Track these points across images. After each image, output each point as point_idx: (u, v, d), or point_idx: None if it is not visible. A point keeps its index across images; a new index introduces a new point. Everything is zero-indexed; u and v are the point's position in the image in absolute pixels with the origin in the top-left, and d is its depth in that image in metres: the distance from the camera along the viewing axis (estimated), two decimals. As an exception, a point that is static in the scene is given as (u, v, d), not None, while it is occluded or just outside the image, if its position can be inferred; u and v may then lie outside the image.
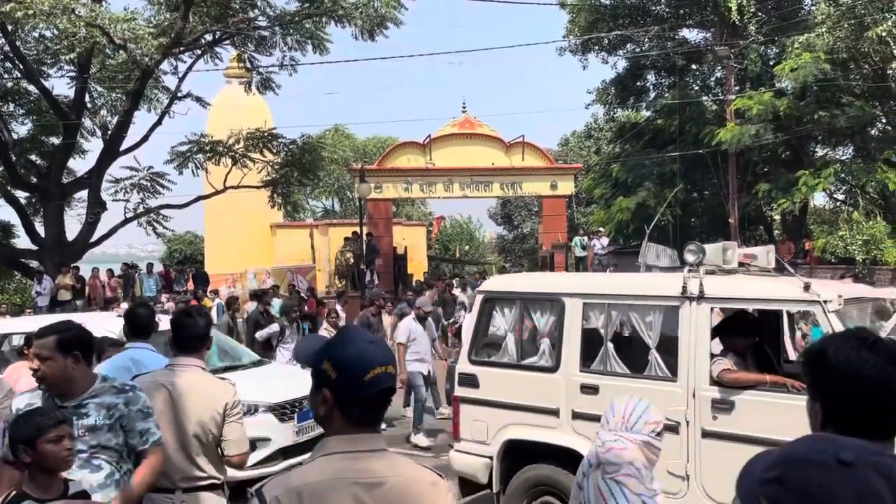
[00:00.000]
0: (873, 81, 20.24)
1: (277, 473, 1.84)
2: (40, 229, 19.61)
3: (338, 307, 13.21)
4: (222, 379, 3.77)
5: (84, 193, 19.89)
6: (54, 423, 2.77)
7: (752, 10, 21.54)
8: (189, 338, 3.59)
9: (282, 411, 7.06)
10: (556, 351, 5.31)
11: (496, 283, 6.70)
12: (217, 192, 20.25)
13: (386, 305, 12.65)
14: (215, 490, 3.49)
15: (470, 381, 5.63)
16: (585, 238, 22.51)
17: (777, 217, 25.58)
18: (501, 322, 5.81)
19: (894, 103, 20.41)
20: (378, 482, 1.72)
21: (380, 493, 1.72)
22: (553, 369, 5.26)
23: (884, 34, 17.45)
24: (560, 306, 5.35)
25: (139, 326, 4.44)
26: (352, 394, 1.74)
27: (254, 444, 5.69)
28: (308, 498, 1.69)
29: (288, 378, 7.90)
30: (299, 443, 7.01)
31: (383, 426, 7.74)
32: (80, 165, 22.41)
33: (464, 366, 5.75)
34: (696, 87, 26.29)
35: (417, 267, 25.87)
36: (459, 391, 5.71)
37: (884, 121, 21.74)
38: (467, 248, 44.60)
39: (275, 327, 10.70)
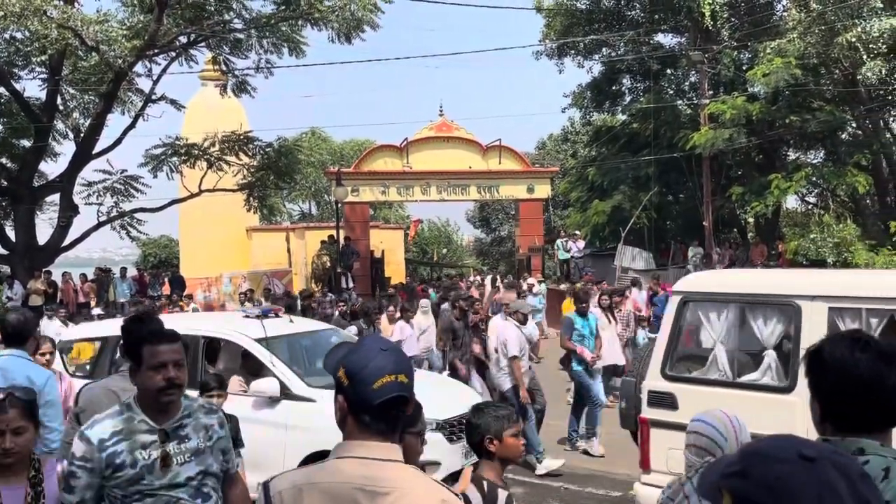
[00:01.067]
0: (843, 86, 20.59)
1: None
2: (11, 233, 19.28)
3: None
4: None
5: (56, 197, 19.59)
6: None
7: (724, 15, 21.84)
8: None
9: (451, 430, 6.12)
10: (790, 366, 4.48)
11: (698, 281, 5.63)
12: (192, 196, 20.06)
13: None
14: None
15: (665, 401, 4.82)
16: (568, 240, 22.68)
17: (750, 220, 25.91)
18: (707, 329, 4.99)
19: (864, 108, 20.77)
20: (384, 492, 1.70)
21: (384, 502, 1.69)
22: (786, 389, 4.45)
23: (853, 40, 17.77)
24: (795, 311, 4.54)
25: (9, 334, 4.32)
26: (361, 401, 1.75)
27: (421, 468, 5.11)
28: (309, 497, 1.72)
29: (446, 389, 7.06)
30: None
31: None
32: (51, 168, 22.18)
33: (655, 382, 4.92)
34: (671, 92, 26.58)
35: (395, 270, 25.85)
36: (650, 413, 4.92)
37: (853, 125, 22.13)
38: (445, 251, 44.66)
39: (353, 329, 10.00)
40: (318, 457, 5.19)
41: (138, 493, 2.62)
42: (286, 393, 6.08)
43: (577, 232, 23.82)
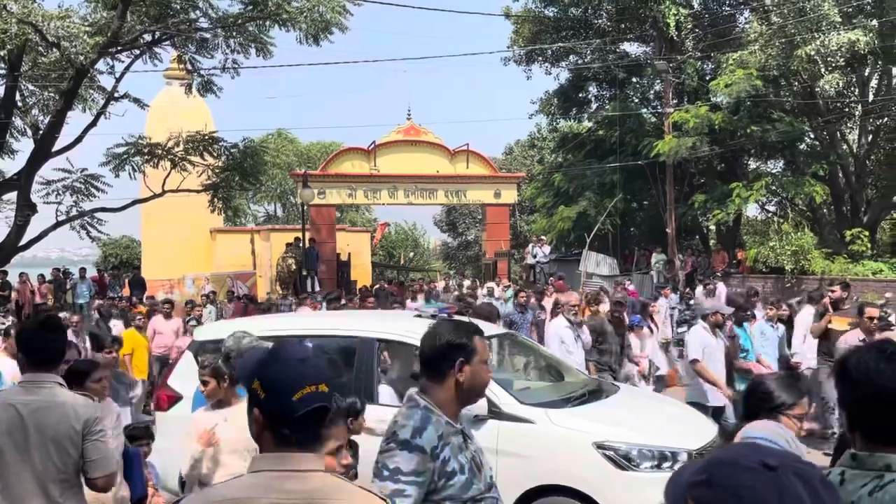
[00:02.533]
0: (802, 98, 21.09)
1: None
2: (-35, 232, 18.78)
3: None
4: (84, 395, 3.41)
5: (13, 195, 19.09)
6: None
7: (689, 26, 22.23)
8: (43, 352, 3.26)
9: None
10: None
11: None
12: (155, 196, 19.73)
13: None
14: None
15: None
16: (534, 246, 22.85)
17: (712, 227, 26.37)
18: None
19: (821, 120, 21.30)
20: (299, 503, 1.64)
21: None
22: None
23: (812, 53, 18.23)
24: None
25: None
26: (280, 414, 1.68)
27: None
28: None
29: (678, 411, 6.15)
30: None
31: None
32: (9, 166, 21.61)
33: None
34: (636, 100, 26.93)
35: (361, 273, 25.74)
36: None
37: (812, 136, 22.68)
38: (412, 254, 44.60)
39: None
40: (540, 492, 4.83)
41: (471, 499, 2.45)
42: (495, 411, 5.01)
43: (543, 237, 24.00)
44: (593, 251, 22.98)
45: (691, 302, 14.04)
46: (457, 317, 5.69)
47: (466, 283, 19.86)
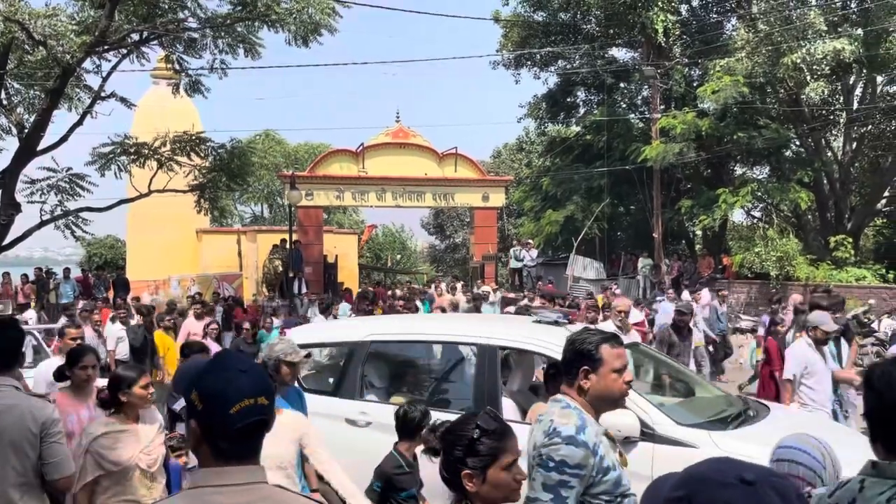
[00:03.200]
0: (788, 105, 21.28)
1: None
2: (-53, 231, 18.57)
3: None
4: (41, 396, 3.41)
5: (-3, 194, 18.92)
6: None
7: (676, 33, 22.38)
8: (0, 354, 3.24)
9: None
10: None
11: None
12: (141, 196, 19.57)
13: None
14: None
15: None
16: (520, 249, 22.86)
17: (698, 232, 26.53)
18: None
19: (807, 127, 21.49)
20: None
21: None
22: None
23: (798, 61, 18.39)
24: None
25: None
26: (218, 426, 1.63)
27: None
28: None
29: (848, 436, 5.09)
30: None
31: None
32: (-7, 164, 21.35)
33: None
34: (624, 105, 27.07)
35: (348, 275, 25.68)
36: None
37: (797, 143, 22.87)
38: (399, 257, 44.54)
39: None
40: None
41: (622, 495, 2.52)
42: (648, 433, 4.47)
43: (531, 241, 24.05)
44: (580, 255, 23.06)
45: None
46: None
47: (459, 285, 19.85)
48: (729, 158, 23.20)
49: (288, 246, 20.69)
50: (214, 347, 9.71)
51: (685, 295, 16.17)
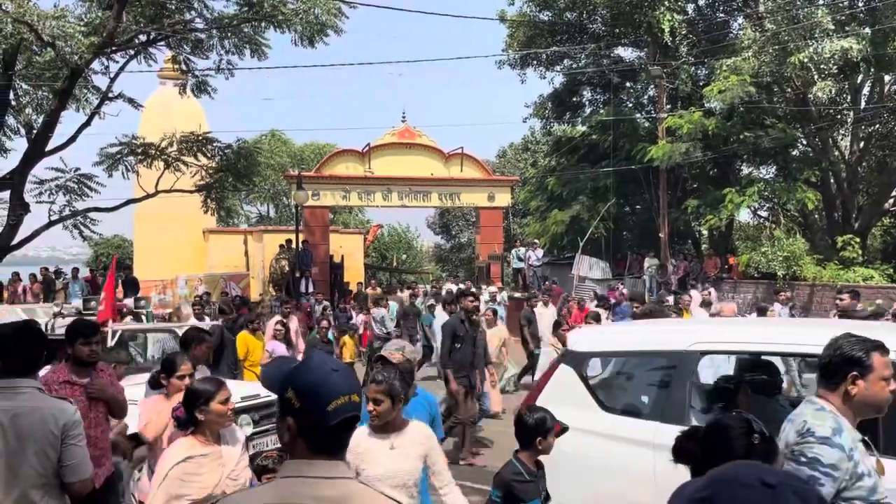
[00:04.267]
0: (795, 105, 21.22)
1: None
2: (-44, 231, 18.67)
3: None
4: (62, 399, 3.38)
5: (5, 194, 18.99)
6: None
7: (683, 32, 22.33)
8: (20, 357, 3.27)
9: None
10: None
11: None
12: (148, 196, 19.66)
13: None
14: None
15: None
16: (522, 249, 22.84)
17: (705, 232, 26.48)
18: None
19: (814, 126, 21.43)
20: None
21: None
22: None
23: (805, 60, 18.34)
24: None
25: None
26: (314, 423, 1.73)
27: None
28: None
29: None
30: None
31: None
32: (2, 165, 21.50)
33: None
34: (630, 105, 27.03)
35: (354, 275, 25.72)
36: None
37: (804, 142, 22.80)
38: (405, 256, 44.58)
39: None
40: None
41: (876, 502, 2.51)
42: None
43: (536, 241, 24.05)
44: (586, 255, 23.03)
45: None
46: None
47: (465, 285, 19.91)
48: (735, 158, 23.15)
49: (294, 246, 20.74)
50: (280, 349, 9.45)
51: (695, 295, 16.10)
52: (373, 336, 13.37)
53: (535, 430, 3.77)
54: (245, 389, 7.07)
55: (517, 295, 20.02)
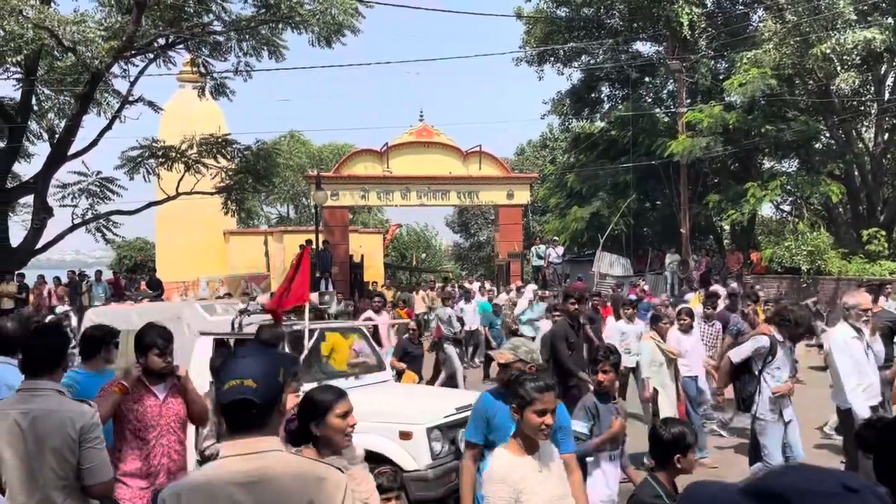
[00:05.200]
0: (817, 97, 20.93)
1: None
2: (-18, 235, 18.95)
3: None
4: (82, 401, 3.35)
5: (29, 198, 19.25)
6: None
7: (702, 25, 22.10)
8: (41, 358, 3.28)
9: None
10: None
11: None
12: (169, 198, 19.85)
13: None
14: None
15: None
16: (542, 247, 22.74)
17: (726, 227, 26.21)
18: None
19: (837, 118, 21.12)
20: (253, 480, 1.88)
21: (256, 489, 1.88)
22: None
23: (827, 51, 18.08)
24: None
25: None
26: (220, 402, 2.05)
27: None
28: (186, 498, 1.89)
29: None
30: None
31: None
32: (25, 170, 21.82)
33: None
34: (649, 100, 26.81)
35: (374, 275, 25.77)
36: None
37: (827, 135, 22.49)
38: (424, 255, 44.60)
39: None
40: None
41: None
42: None
43: (556, 238, 23.94)
44: (607, 252, 22.89)
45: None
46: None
47: (488, 284, 19.87)
48: (757, 152, 22.89)
49: (315, 246, 20.81)
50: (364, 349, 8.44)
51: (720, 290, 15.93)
52: (442, 336, 12.37)
53: (674, 446, 3.38)
54: None
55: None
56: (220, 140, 20.12)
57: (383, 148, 23.40)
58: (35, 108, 19.57)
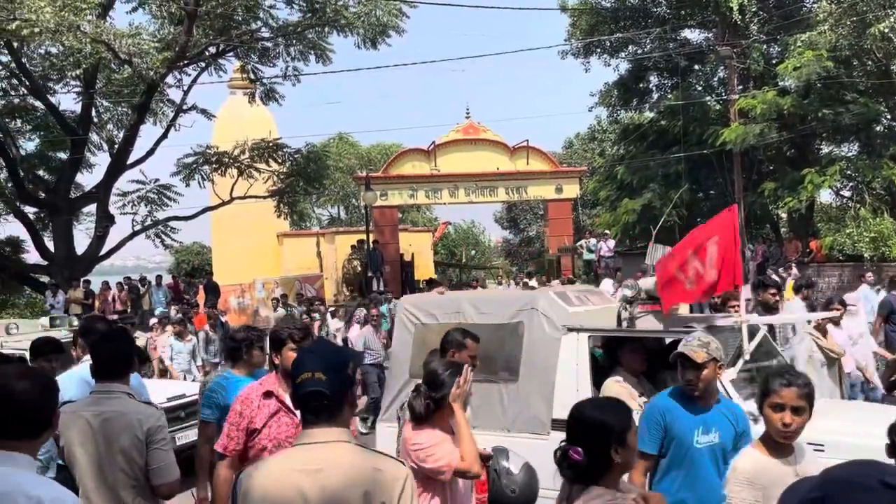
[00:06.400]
0: (877, 78, 20.22)
1: None
2: (50, 244, 19.72)
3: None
4: (149, 404, 3.47)
5: (92, 207, 20.00)
6: None
7: (753, 9, 21.57)
8: (111, 362, 3.40)
9: None
10: None
11: None
12: (223, 203, 20.35)
13: None
14: None
15: None
16: (593, 241, 22.52)
17: (784, 215, 25.53)
18: None
19: (898, 99, 20.37)
20: (316, 468, 2.02)
21: (319, 477, 2.01)
22: None
23: (886, 30, 17.45)
24: None
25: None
26: (292, 395, 2.20)
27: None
28: (255, 481, 2.05)
29: None
30: None
31: None
32: (87, 180, 22.60)
33: None
34: (699, 88, 26.30)
35: (424, 273, 25.91)
36: None
37: (888, 117, 21.69)
38: (473, 252, 44.62)
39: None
40: None
41: None
42: None
43: (607, 231, 23.68)
44: (660, 244, 22.51)
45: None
46: None
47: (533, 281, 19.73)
48: (814, 137, 22.24)
49: (365, 246, 21.04)
50: None
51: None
52: None
53: None
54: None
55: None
56: (270, 144, 20.54)
57: (430, 146, 23.50)
58: (95, 119, 20.30)
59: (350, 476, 2.02)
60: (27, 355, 4.84)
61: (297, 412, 2.34)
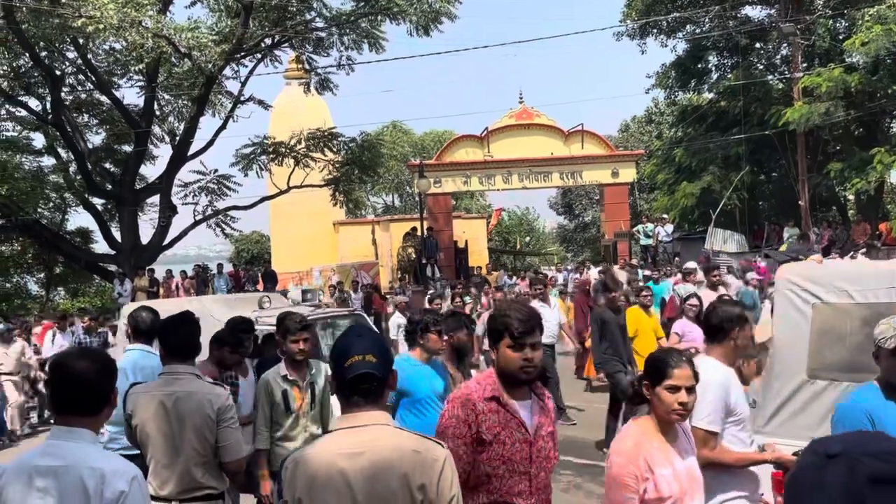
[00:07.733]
0: (952, 51, 19.28)
1: None
2: (116, 234, 20.44)
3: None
4: (215, 383, 3.62)
5: (156, 198, 20.62)
6: None
7: (818, -17, 20.79)
8: (181, 345, 3.54)
9: None
10: None
11: None
12: (281, 193, 20.70)
13: None
14: (213, 500, 3.44)
15: None
16: (650, 225, 22.14)
17: (851, 197, 24.64)
18: None
19: (976, 73, 19.38)
20: (358, 451, 2.06)
21: (360, 460, 2.05)
22: None
23: (962, 1, 16.62)
24: None
25: (140, 329, 4.53)
26: (338, 379, 2.17)
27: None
28: (301, 465, 2.09)
29: None
30: None
31: None
32: (150, 171, 23.26)
33: None
34: (761, 67, 25.53)
35: (478, 260, 25.91)
36: None
37: (965, 92, 20.69)
38: (528, 238, 44.39)
39: None
40: None
41: None
42: None
43: (665, 216, 23.24)
44: (719, 228, 22.01)
45: None
46: None
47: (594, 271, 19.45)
48: (884, 115, 21.37)
49: (419, 233, 21.15)
50: (692, 331, 7.29)
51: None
52: None
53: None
54: None
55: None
56: (326, 134, 20.77)
57: (483, 133, 23.42)
58: (157, 112, 20.87)
59: (390, 459, 2.06)
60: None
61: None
